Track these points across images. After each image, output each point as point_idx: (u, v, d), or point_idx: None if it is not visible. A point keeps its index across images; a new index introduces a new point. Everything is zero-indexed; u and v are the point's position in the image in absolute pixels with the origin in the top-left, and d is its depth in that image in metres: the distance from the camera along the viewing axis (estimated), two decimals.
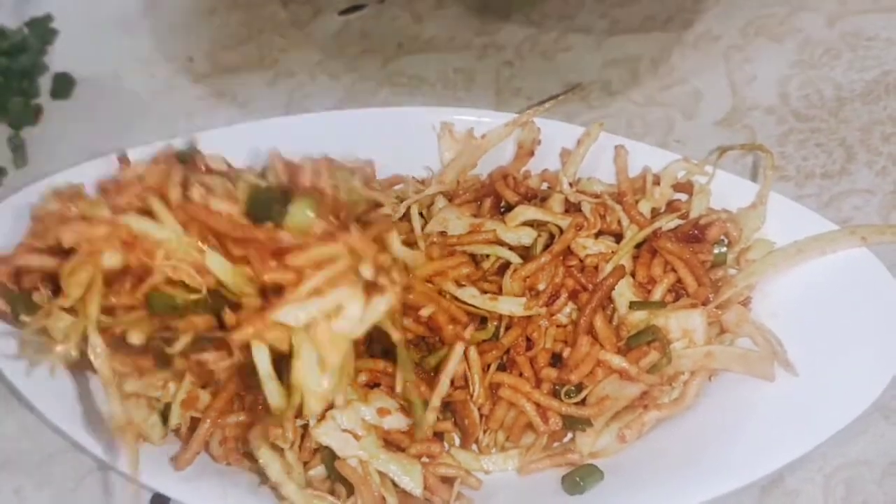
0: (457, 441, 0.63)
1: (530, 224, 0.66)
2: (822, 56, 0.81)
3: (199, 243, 0.53)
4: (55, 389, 0.64)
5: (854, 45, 0.81)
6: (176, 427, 0.62)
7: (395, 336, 0.54)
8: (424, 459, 0.60)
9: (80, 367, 0.64)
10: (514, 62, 0.85)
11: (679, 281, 0.63)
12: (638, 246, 0.65)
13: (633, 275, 0.64)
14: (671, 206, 0.67)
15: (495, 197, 0.69)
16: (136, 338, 0.54)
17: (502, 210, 0.69)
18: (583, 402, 0.61)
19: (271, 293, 0.52)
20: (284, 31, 0.90)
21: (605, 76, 0.83)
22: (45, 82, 0.89)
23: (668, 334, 0.61)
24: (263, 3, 0.92)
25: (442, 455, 0.60)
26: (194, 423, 0.61)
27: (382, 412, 0.59)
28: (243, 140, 0.71)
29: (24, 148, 0.85)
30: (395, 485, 0.59)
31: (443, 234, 0.66)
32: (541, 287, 0.63)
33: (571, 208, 0.67)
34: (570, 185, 0.68)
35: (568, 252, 0.64)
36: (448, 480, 0.60)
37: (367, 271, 0.51)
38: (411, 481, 0.58)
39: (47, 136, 0.86)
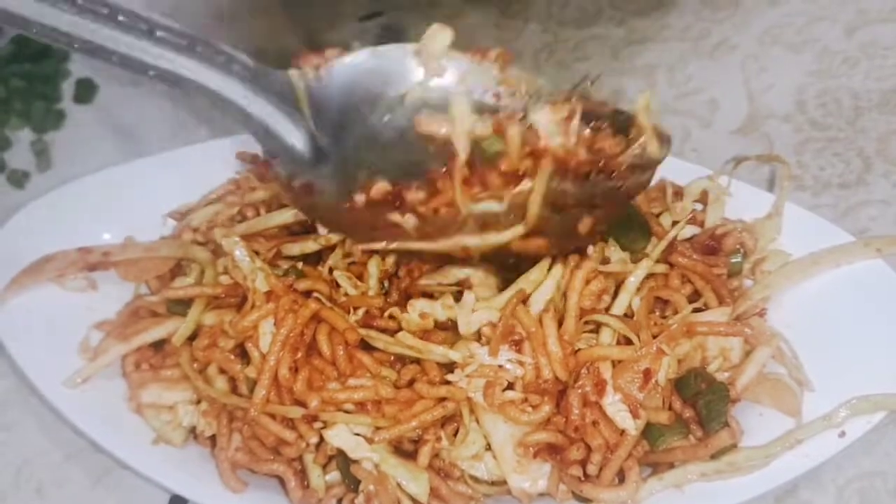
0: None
1: None
2: (840, 65, 0.81)
3: None
4: (76, 390, 0.65)
5: (872, 54, 0.81)
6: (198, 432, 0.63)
7: None
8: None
9: None
10: (531, 70, 0.85)
11: (696, 292, 0.63)
12: None
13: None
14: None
15: None
16: None
17: None
18: None
19: None
20: (304, 37, 0.91)
21: (621, 85, 0.83)
22: (67, 87, 0.90)
23: (705, 352, 0.61)
24: (283, 10, 0.93)
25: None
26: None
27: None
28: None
29: (48, 152, 0.86)
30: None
31: None
32: None
33: None
34: None
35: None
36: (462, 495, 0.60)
37: None
38: (417, 487, 0.59)
39: (70, 141, 0.87)
